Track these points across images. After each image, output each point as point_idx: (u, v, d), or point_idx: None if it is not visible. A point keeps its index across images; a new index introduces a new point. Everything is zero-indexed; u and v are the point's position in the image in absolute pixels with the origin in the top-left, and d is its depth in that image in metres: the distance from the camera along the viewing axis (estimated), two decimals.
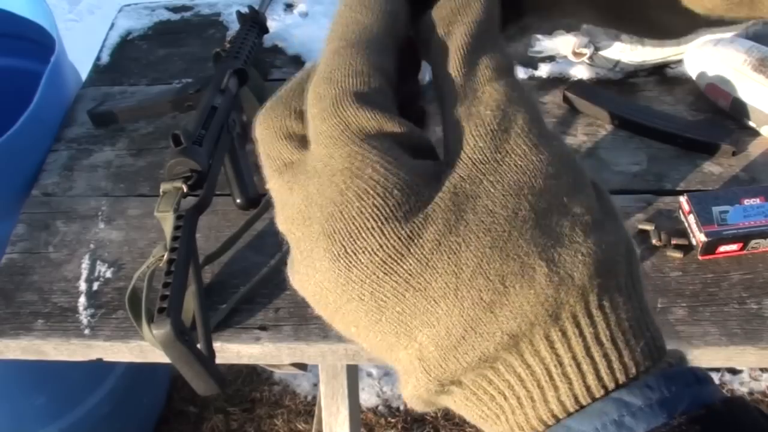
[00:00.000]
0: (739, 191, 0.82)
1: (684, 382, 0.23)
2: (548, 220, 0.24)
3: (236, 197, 0.87)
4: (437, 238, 0.24)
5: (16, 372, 1.17)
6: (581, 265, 0.23)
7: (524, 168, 0.24)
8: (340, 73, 0.26)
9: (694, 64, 0.98)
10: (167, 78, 1.13)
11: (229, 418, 1.61)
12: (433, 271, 0.23)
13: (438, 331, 0.24)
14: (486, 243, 0.23)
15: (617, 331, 0.24)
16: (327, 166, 0.25)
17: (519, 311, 0.23)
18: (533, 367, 0.23)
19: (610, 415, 0.22)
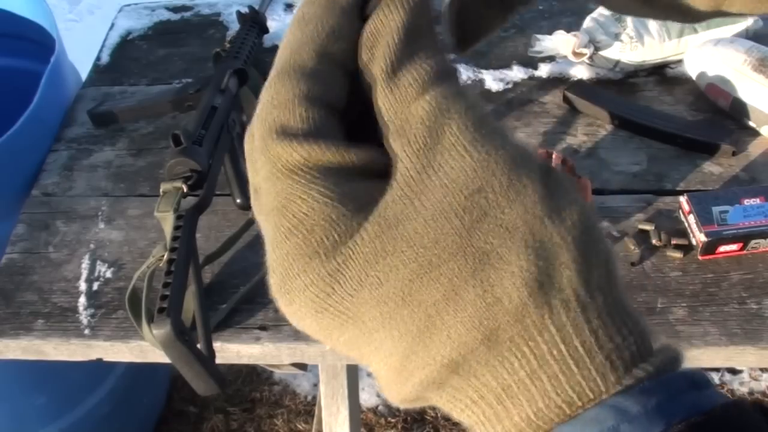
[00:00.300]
0: (739, 191, 0.82)
1: (681, 387, 0.22)
2: (478, 238, 0.23)
3: (236, 197, 0.87)
4: (360, 273, 0.23)
5: (16, 372, 1.17)
6: (512, 286, 0.22)
7: (450, 184, 0.23)
8: (267, 107, 0.26)
9: (694, 64, 0.98)
10: (167, 78, 1.13)
11: (229, 418, 1.61)
12: (362, 304, 0.23)
13: (383, 358, 0.24)
14: (408, 274, 0.23)
15: (566, 349, 0.22)
16: (266, 205, 0.25)
17: (449, 339, 0.23)
18: (480, 390, 0.23)
19: (606, 422, 0.21)
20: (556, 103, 1.00)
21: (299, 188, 0.24)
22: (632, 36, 0.99)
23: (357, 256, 0.23)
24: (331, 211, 0.24)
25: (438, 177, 0.24)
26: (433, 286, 0.23)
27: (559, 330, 0.22)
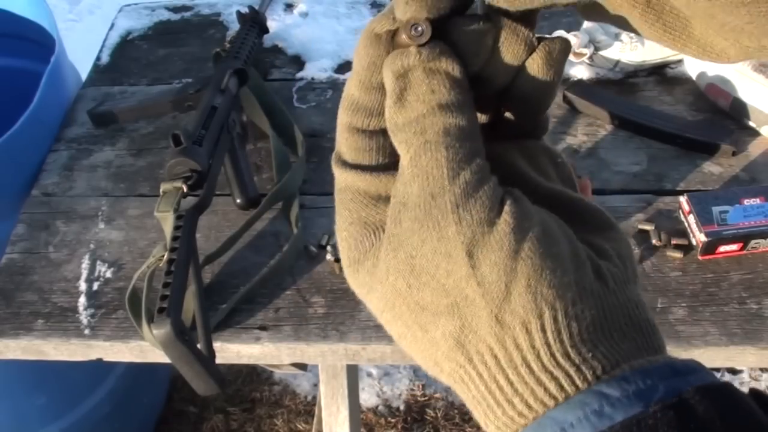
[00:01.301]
0: (739, 191, 0.82)
1: (660, 375, 0.25)
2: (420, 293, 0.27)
3: (236, 197, 0.87)
4: (369, 285, 0.30)
5: (16, 372, 1.17)
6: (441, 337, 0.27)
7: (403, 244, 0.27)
8: (337, 134, 0.31)
9: (694, 63, 0.98)
10: (167, 78, 1.13)
11: (229, 418, 1.61)
12: (373, 306, 0.30)
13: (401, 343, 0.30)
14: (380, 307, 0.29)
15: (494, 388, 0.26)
16: None
17: (418, 356, 0.29)
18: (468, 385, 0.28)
19: (591, 405, 0.24)
20: (556, 103, 1.00)
21: (340, 205, 0.30)
22: (632, 36, 0.99)
23: (361, 278, 0.30)
24: (352, 232, 0.30)
25: (399, 236, 0.28)
26: (395, 322, 0.29)
27: (484, 371, 0.27)
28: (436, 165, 0.27)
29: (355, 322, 0.78)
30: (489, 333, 0.26)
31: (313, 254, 0.85)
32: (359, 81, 0.29)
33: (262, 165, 0.97)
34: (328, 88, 1.07)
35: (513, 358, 0.26)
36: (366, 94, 0.29)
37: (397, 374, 1.65)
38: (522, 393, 0.26)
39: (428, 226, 0.27)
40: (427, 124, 0.27)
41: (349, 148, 0.30)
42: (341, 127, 0.30)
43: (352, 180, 0.29)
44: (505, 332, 0.26)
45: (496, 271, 0.26)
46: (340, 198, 0.30)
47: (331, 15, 1.20)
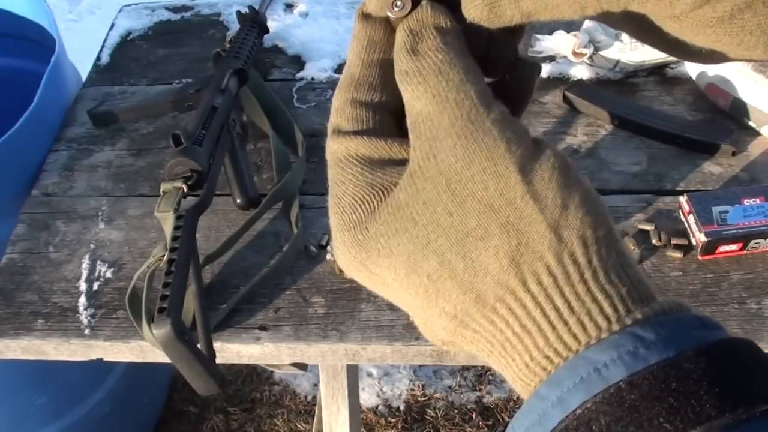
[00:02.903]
0: (739, 191, 0.82)
1: (692, 325, 0.25)
2: (463, 217, 0.27)
3: (236, 197, 0.87)
4: (377, 245, 0.29)
5: (16, 372, 1.17)
6: (493, 257, 0.27)
7: (442, 171, 0.27)
8: (331, 113, 0.32)
9: (694, 64, 0.98)
10: (167, 78, 1.13)
11: (229, 418, 1.61)
12: (383, 269, 0.29)
13: (410, 311, 0.29)
14: (410, 249, 0.28)
15: (549, 309, 0.26)
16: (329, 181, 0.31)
17: (449, 299, 0.27)
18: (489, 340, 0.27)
19: (626, 346, 0.24)
20: (556, 103, 1.00)
21: (339, 174, 0.30)
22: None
23: (374, 232, 0.29)
24: (357, 194, 0.29)
25: (434, 165, 0.28)
26: (429, 259, 0.28)
27: (539, 292, 0.26)
28: (467, 97, 0.28)
29: (355, 322, 0.78)
30: (547, 249, 0.26)
31: (313, 254, 0.85)
32: (360, 60, 0.31)
33: (262, 165, 0.97)
34: (328, 88, 1.07)
35: (570, 274, 0.26)
36: (367, 70, 0.31)
37: (397, 374, 1.65)
38: (578, 313, 0.26)
39: (474, 149, 0.27)
40: (447, 65, 0.28)
41: (350, 120, 0.31)
42: (341, 103, 0.31)
43: (355, 146, 0.30)
44: (563, 247, 0.26)
45: (552, 188, 0.27)
46: (339, 167, 0.30)
47: (331, 15, 1.20)
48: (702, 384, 0.23)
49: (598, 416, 0.23)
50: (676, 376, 0.23)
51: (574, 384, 0.25)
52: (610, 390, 0.24)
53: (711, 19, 0.26)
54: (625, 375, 0.24)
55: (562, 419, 0.24)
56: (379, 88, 0.31)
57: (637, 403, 0.23)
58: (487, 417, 1.57)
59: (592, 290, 0.26)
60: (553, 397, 0.25)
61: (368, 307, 0.79)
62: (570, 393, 0.25)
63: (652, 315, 0.26)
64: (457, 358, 0.77)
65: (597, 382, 0.24)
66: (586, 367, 0.25)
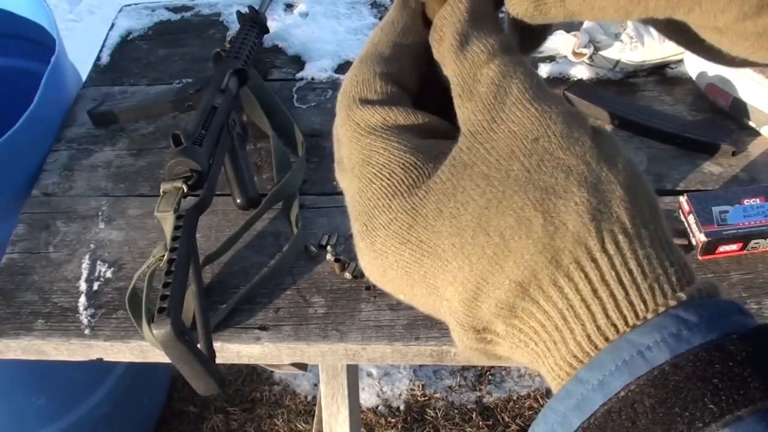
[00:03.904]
0: (739, 191, 0.82)
1: (731, 310, 0.25)
2: (542, 175, 0.27)
3: (236, 197, 0.87)
4: (438, 206, 0.27)
5: (16, 372, 1.17)
6: (575, 213, 0.26)
7: (516, 132, 0.27)
8: (350, 84, 0.31)
9: (694, 64, 0.98)
10: (167, 78, 1.13)
11: (229, 418, 1.61)
12: (439, 236, 0.27)
13: (456, 288, 0.27)
14: (482, 204, 0.27)
15: (623, 271, 0.25)
16: (350, 162, 0.30)
17: (521, 260, 0.26)
18: (548, 311, 0.26)
19: (669, 328, 0.24)
20: None
21: (379, 143, 0.29)
22: (632, 36, 0.99)
23: (434, 193, 0.28)
24: (408, 158, 0.28)
25: (505, 127, 0.28)
26: (504, 215, 0.26)
27: (616, 253, 0.26)
28: (533, 73, 0.29)
29: (355, 322, 0.78)
30: (624, 211, 0.26)
31: (313, 254, 0.85)
32: (392, 41, 0.32)
33: (262, 165, 0.97)
34: (328, 88, 1.07)
35: (643, 237, 0.26)
36: (397, 52, 0.32)
37: (397, 374, 1.65)
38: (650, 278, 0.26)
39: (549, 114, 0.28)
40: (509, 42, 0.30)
41: (380, 93, 0.30)
42: (366, 76, 0.31)
43: (394, 116, 0.30)
44: (636, 211, 0.27)
45: (619, 158, 0.27)
46: (376, 135, 0.29)
47: (331, 15, 1.20)
48: (746, 366, 0.23)
49: (642, 398, 0.23)
50: (720, 358, 0.23)
51: (617, 367, 0.24)
52: (653, 372, 0.23)
53: (752, 33, 0.27)
54: (668, 357, 0.24)
55: (604, 402, 0.24)
56: (404, 71, 0.31)
57: (681, 385, 0.23)
58: (487, 417, 1.57)
59: (661, 256, 0.26)
60: (594, 381, 0.25)
61: (368, 307, 0.79)
62: (612, 376, 0.24)
63: (697, 296, 0.26)
64: (457, 358, 0.77)
65: (641, 364, 0.24)
66: (629, 349, 0.24)
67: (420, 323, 0.77)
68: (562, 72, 1.04)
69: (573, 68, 1.04)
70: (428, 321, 0.77)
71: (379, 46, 0.32)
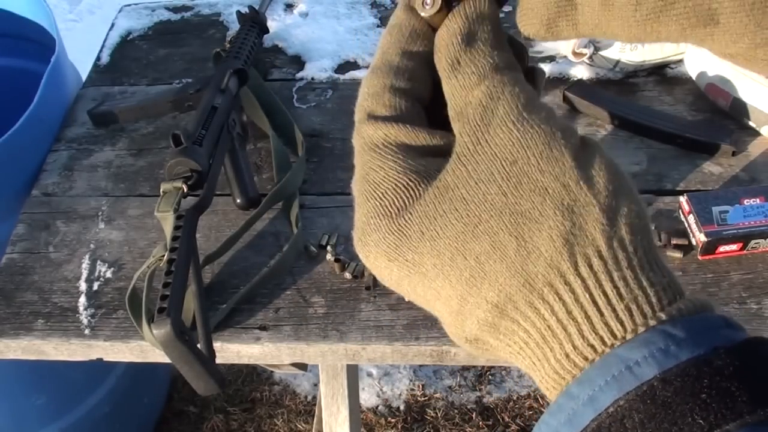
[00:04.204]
0: (739, 191, 0.82)
1: (719, 324, 0.26)
2: (518, 198, 0.27)
3: (236, 197, 0.87)
4: (420, 229, 0.28)
5: (16, 372, 1.17)
6: (548, 238, 0.26)
7: (497, 155, 0.28)
8: (362, 96, 0.32)
9: (694, 64, 0.98)
10: (167, 78, 1.13)
11: (229, 418, 1.61)
12: (422, 256, 0.28)
13: (443, 303, 0.28)
14: (459, 229, 0.28)
15: (598, 294, 0.26)
16: (357, 174, 0.31)
17: (495, 283, 0.27)
18: (529, 330, 0.27)
19: (657, 344, 0.24)
20: (556, 103, 1.00)
21: (377, 160, 0.30)
22: None
23: (418, 216, 0.29)
24: (401, 179, 0.29)
25: (488, 149, 0.28)
26: (480, 239, 0.27)
27: (589, 276, 0.26)
28: (521, 91, 0.29)
29: (355, 322, 0.78)
30: (600, 233, 0.26)
31: (313, 254, 0.85)
32: (399, 48, 0.32)
33: (262, 165, 0.97)
34: (328, 88, 1.07)
35: (620, 260, 0.26)
36: (406, 59, 0.32)
37: (397, 374, 1.65)
38: (627, 299, 0.26)
39: (531, 136, 0.28)
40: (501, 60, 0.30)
41: (388, 107, 0.31)
42: (377, 89, 0.31)
43: (395, 133, 0.30)
44: (614, 232, 0.27)
45: (603, 176, 0.28)
46: (377, 153, 0.30)
47: (331, 15, 1.20)
48: (734, 381, 0.23)
49: (631, 414, 0.23)
50: (708, 372, 0.23)
51: (606, 382, 0.25)
52: (642, 387, 0.24)
53: (761, 60, 0.28)
54: (657, 372, 0.24)
55: (594, 418, 0.24)
56: (416, 78, 0.32)
57: (669, 400, 0.23)
58: (487, 417, 1.57)
59: (639, 278, 0.26)
60: (584, 396, 0.25)
61: (368, 307, 0.79)
62: (602, 391, 0.24)
63: (685, 312, 0.26)
64: (457, 358, 0.77)
65: (629, 379, 0.24)
66: (618, 365, 0.25)
67: (420, 323, 0.77)
68: (562, 72, 1.04)
69: (573, 68, 1.04)
70: (428, 321, 0.77)
71: (387, 54, 0.32)
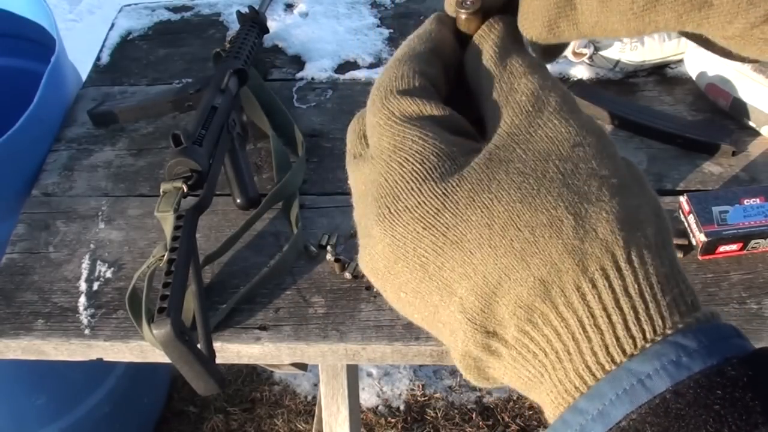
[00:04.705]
0: (739, 191, 0.82)
1: (730, 334, 0.25)
2: (576, 180, 0.27)
3: (236, 197, 0.87)
4: (470, 195, 0.27)
5: (16, 372, 1.17)
6: (605, 221, 0.26)
7: (553, 138, 0.28)
8: (387, 78, 0.31)
9: (694, 64, 0.98)
10: (167, 78, 1.13)
11: (229, 418, 1.61)
12: (467, 224, 0.27)
13: (476, 281, 0.26)
14: (516, 198, 0.26)
15: (645, 285, 0.25)
16: (378, 149, 0.29)
17: (548, 259, 0.26)
18: (567, 318, 0.25)
19: (668, 356, 0.24)
20: None
21: (415, 131, 0.28)
22: None
23: (468, 182, 0.27)
24: (443, 148, 0.28)
25: (542, 132, 0.28)
26: (537, 211, 0.26)
27: (640, 266, 0.26)
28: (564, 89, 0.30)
29: (355, 322, 0.78)
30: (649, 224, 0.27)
31: (313, 254, 0.85)
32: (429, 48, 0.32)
33: (262, 165, 0.97)
34: (328, 88, 1.07)
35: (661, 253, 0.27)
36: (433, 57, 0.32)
37: (397, 374, 1.65)
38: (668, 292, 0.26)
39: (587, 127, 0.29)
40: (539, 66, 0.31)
41: (418, 88, 0.30)
42: (404, 72, 0.31)
43: (431, 109, 0.29)
44: (663, 223, 0.28)
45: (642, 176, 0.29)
46: (413, 125, 0.29)
47: (331, 15, 1.20)
48: (747, 391, 0.23)
49: (644, 427, 0.23)
50: (721, 383, 0.23)
51: (617, 396, 0.24)
52: (655, 400, 0.23)
53: (759, 39, 0.28)
54: (669, 384, 0.23)
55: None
56: (440, 79, 0.32)
57: (683, 412, 0.23)
58: (487, 417, 1.57)
59: (678, 277, 0.27)
60: (593, 411, 0.24)
61: (368, 307, 0.79)
62: (613, 405, 0.24)
63: (695, 323, 0.26)
64: None
65: (641, 392, 0.24)
66: (629, 378, 0.24)
67: None
68: (562, 72, 1.04)
69: (573, 68, 1.04)
70: None
71: (416, 49, 0.32)
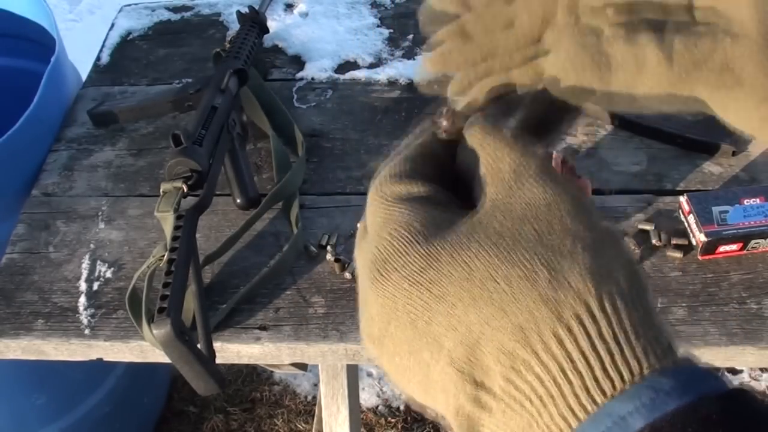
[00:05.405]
0: (739, 191, 0.82)
1: (704, 374, 0.27)
2: (550, 237, 0.29)
3: (236, 197, 0.87)
4: (452, 253, 0.30)
5: (16, 372, 1.17)
6: (578, 273, 0.28)
7: (530, 201, 0.31)
8: (383, 171, 0.35)
9: None
10: (167, 78, 1.13)
11: (229, 418, 1.61)
12: (449, 279, 0.29)
13: (461, 332, 0.29)
14: (494, 254, 0.29)
15: (619, 330, 0.27)
16: (372, 225, 0.33)
17: (525, 307, 0.28)
18: (547, 363, 0.27)
19: (646, 395, 0.26)
20: None
21: (403, 206, 0.32)
22: None
23: (450, 243, 0.30)
24: (427, 217, 0.32)
25: (521, 198, 0.31)
26: (513, 266, 0.29)
27: (614, 312, 0.27)
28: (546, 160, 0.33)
29: (355, 322, 0.78)
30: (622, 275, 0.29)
31: (313, 254, 0.85)
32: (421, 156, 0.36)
33: (262, 165, 0.97)
34: (328, 88, 1.07)
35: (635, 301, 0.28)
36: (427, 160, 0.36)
37: None
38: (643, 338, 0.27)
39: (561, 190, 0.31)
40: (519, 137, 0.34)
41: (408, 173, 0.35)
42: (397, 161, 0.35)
43: (417, 189, 0.34)
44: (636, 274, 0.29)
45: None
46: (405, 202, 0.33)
47: (331, 15, 1.20)
48: (719, 428, 0.24)
49: None
50: (695, 419, 0.24)
51: None
52: None
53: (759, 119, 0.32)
54: (647, 422, 0.25)
55: None
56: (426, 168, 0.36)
57: None
58: None
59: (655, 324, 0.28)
60: None
61: None
62: None
63: (671, 364, 0.27)
64: None
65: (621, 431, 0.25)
66: (610, 418, 0.26)
67: None
68: None
69: None
70: None
71: (408, 145, 0.37)
